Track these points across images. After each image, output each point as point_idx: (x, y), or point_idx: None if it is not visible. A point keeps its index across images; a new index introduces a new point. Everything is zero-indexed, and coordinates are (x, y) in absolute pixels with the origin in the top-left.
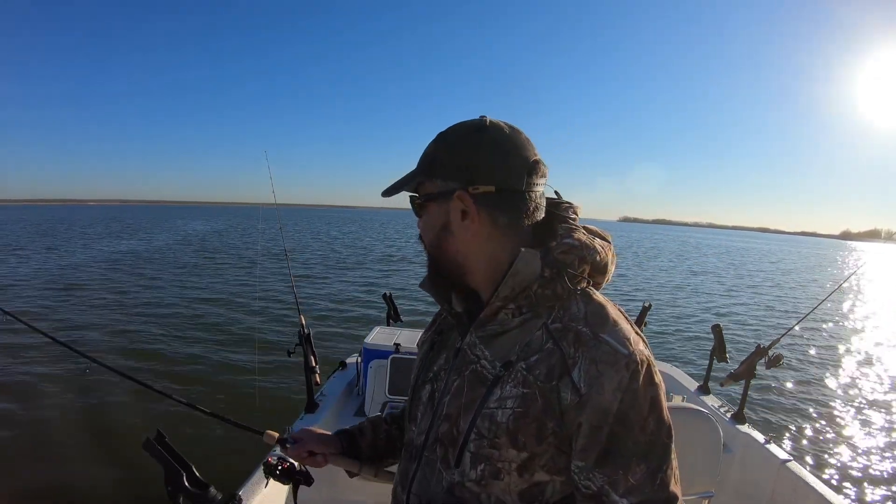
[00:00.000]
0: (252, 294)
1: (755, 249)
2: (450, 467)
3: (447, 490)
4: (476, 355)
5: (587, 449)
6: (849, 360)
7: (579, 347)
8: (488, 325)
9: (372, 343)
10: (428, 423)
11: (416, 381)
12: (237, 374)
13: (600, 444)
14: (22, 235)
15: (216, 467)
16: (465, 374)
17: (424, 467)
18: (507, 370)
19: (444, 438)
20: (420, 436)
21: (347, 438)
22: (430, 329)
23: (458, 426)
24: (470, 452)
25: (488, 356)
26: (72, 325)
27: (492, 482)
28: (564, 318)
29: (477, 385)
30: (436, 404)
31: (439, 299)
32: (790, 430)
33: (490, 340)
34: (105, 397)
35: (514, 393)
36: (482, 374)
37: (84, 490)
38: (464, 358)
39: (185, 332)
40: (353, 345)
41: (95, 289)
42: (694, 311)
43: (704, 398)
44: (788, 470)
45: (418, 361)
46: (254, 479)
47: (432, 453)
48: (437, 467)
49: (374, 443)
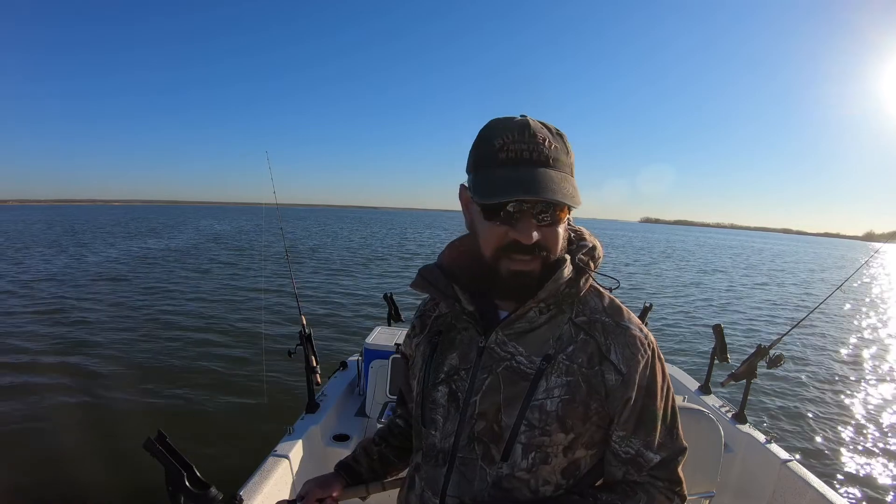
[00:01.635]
0: (256, 293)
1: (770, 250)
2: (494, 463)
3: (493, 485)
4: (508, 352)
5: (628, 420)
6: (850, 360)
7: (608, 335)
8: (516, 324)
9: (373, 343)
10: (455, 424)
11: (424, 384)
12: (239, 374)
13: (636, 414)
14: (18, 237)
15: (217, 467)
16: (496, 371)
17: (460, 468)
18: (548, 363)
19: (484, 436)
20: (446, 439)
21: (347, 470)
22: (422, 332)
23: (500, 421)
24: (521, 444)
25: (523, 352)
26: (81, 321)
27: (541, 467)
28: (586, 311)
29: (516, 380)
30: (461, 404)
31: (446, 299)
32: (791, 430)
33: (520, 337)
34: (106, 397)
35: (559, 382)
36: (520, 369)
37: (84, 490)
38: (492, 356)
39: (188, 331)
40: (354, 345)
41: (107, 287)
42: (695, 311)
43: (705, 398)
44: (789, 470)
45: (420, 364)
46: (255, 479)
47: (469, 453)
48: (479, 465)
49: (371, 466)
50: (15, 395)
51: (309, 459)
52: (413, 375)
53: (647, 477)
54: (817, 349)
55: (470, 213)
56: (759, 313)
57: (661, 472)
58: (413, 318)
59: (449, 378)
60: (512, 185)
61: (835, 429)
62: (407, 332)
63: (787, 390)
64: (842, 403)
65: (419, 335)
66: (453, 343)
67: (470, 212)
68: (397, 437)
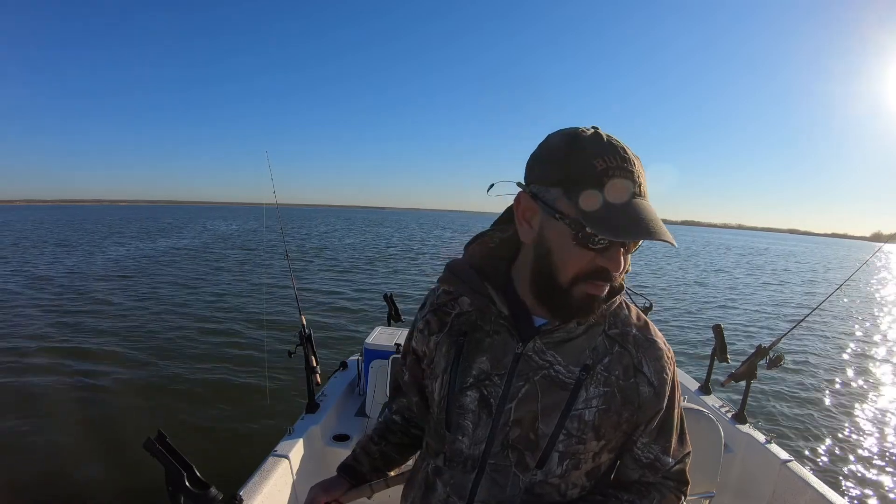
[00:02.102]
0: (257, 293)
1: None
2: (528, 470)
3: (526, 490)
4: (547, 361)
5: (653, 428)
6: (851, 360)
7: (639, 348)
8: (555, 333)
9: (373, 343)
10: (487, 431)
11: (450, 388)
12: (239, 374)
13: (658, 423)
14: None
15: (217, 467)
16: (533, 379)
17: (492, 475)
18: (587, 373)
19: (519, 444)
20: (477, 445)
21: (350, 472)
22: (441, 330)
23: (537, 430)
24: (558, 452)
25: (561, 361)
26: (93, 316)
27: (572, 472)
28: (618, 324)
29: (554, 389)
30: (494, 411)
31: (479, 299)
32: (791, 431)
33: (558, 346)
34: (106, 397)
35: (597, 393)
36: (558, 378)
37: (84, 489)
38: (528, 363)
39: (189, 331)
40: (354, 345)
41: (110, 286)
42: (696, 311)
43: (705, 398)
44: (789, 470)
45: (444, 366)
46: (255, 479)
47: (503, 460)
48: (512, 472)
49: (373, 465)
50: (15, 394)
51: (309, 459)
52: (432, 376)
53: (660, 478)
54: (818, 349)
55: (532, 225)
56: (760, 313)
57: (674, 474)
58: (424, 312)
59: (479, 383)
60: (634, 225)
61: (835, 429)
62: (417, 327)
63: (787, 390)
64: (842, 404)
65: (438, 333)
66: (481, 346)
67: (533, 223)
68: (396, 434)
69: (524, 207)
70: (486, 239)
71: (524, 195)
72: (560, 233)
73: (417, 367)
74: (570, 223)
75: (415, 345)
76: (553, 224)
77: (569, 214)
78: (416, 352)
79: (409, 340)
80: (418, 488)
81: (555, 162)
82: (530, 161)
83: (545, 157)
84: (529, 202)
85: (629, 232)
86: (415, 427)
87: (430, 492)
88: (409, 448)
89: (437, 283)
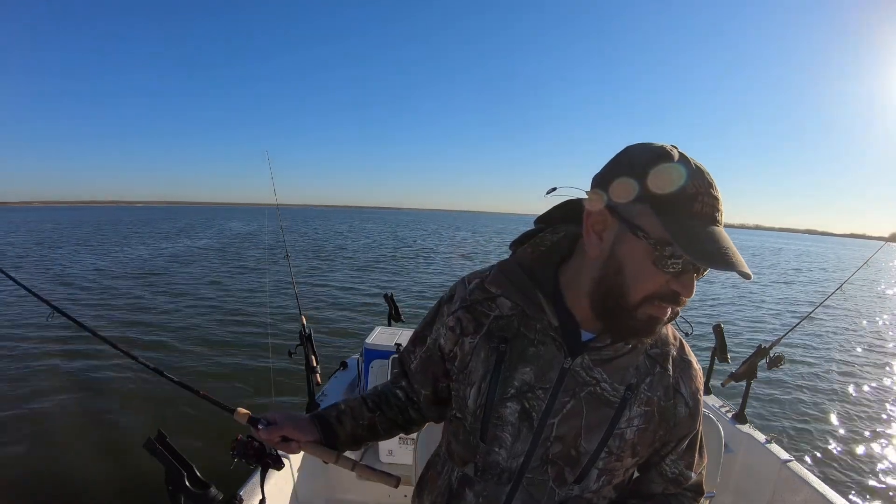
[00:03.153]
0: (260, 293)
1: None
2: (566, 484)
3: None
4: (594, 378)
5: (682, 446)
6: (851, 360)
7: (676, 369)
8: (604, 350)
9: (373, 343)
10: (527, 444)
11: (488, 397)
12: (239, 374)
13: (687, 440)
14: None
15: (217, 467)
16: (579, 395)
17: (528, 489)
18: (632, 392)
19: (559, 459)
20: (514, 459)
21: (325, 425)
22: (477, 332)
23: (579, 446)
24: (597, 469)
25: (607, 378)
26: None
27: (606, 487)
28: (659, 343)
29: (599, 406)
30: (536, 425)
31: (533, 308)
32: (791, 431)
33: (605, 363)
34: (106, 396)
35: (639, 412)
36: (603, 396)
37: (84, 489)
38: (575, 379)
39: (190, 330)
40: (354, 345)
41: (115, 286)
42: (697, 312)
43: (705, 398)
44: (789, 470)
45: (482, 373)
46: (255, 479)
47: (541, 475)
48: (549, 486)
49: (354, 431)
50: (15, 393)
51: (309, 459)
52: (466, 382)
53: (681, 490)
54: (819, 349)
55: (604, 239)
56: (761, 313)
57: (693, 486)
58: (454, 307)
59: (521, 395)
60: (721, 253)
61: (835, 429)
62: (445, 323)
63: (787, 391)
64: (843, 404)
65: (474, 335)
66: (525, 356)
67: (604, 237)
68: (393, 409)
69: (597, 219)
70: (536, 241)
71: (599, 206)
72: (638, 251)
73: (437, 364)
74: (653, 243)
75: (442, 342)
76: (631, 241)
77: (654, 234)
78: (441, 349)
79: (428, 329)
80: (439, 494)
81: (641, 178)
82: (607, 172)
83: (629, 171)
84: (605, 215)
85: (716, 260)
86: (415, 410)
87: (456, 500)
88: (398, 428)
89: (467, 278)
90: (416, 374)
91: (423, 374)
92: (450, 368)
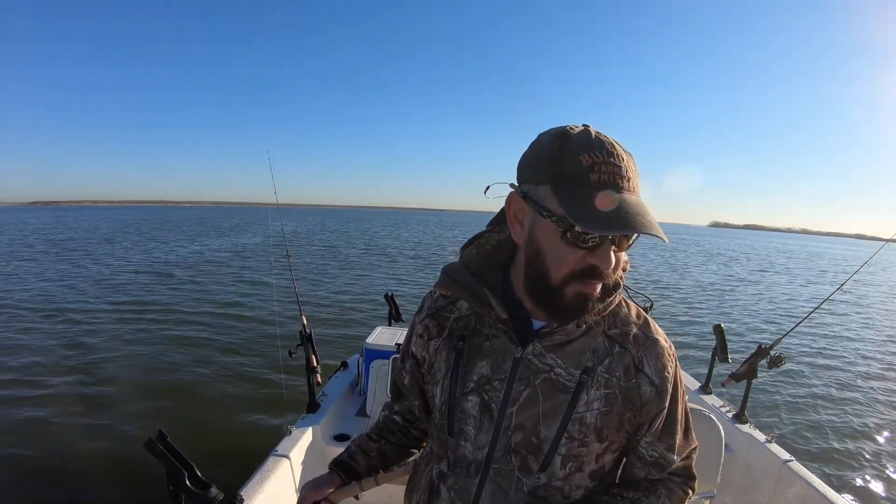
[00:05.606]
0: (263, 293)
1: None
2: (531, 473)
3: (529, 493)
4: (547, 364)
5: (657, 427)
6: (851, 360)
7: (640, 347)
8: (554, 335)
9: (373, 343)
10: (489, 436)
11: (450, 393)
12: (240, 374)
13: (662, 421)
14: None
15: (218, 467)
16: (534, 383)
17: (496, 479)
18: (588, 376)
19: (521, 448)
20: (479, 450)
21: (343, 469)
22: (440, 335)
23: (539, 434)
24: (560, 455)
25: (561, 364)
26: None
27: (576, 474)
28: (618, 323)
29: (555, 392)
30: (496, 415)
31: (477, 303)
32: (792, 430)
33: (558, 349)
34: (107, 396)
35: (598, 395)
36: (558, 381)
37: (84, 488)
38: (528, 367)
39: (190, 329)
40: (355, 345)
41: (120, 286)
42: (698, 312)
43: (706, 398)
44: (790, 470)
45: (445, 371)
46: (255, 478)
47: (506, 465)
48: (515, 476)
49: (369, 464)
50: (15, 392)
51: (309, 459)
52: (433, 381)
53: (666, 475)
54: (819, 349)
55: (524, 225)
56: (764, 313)
57: (679, 470)
58: (422, 316)
59: (480, 388)
60: (618, 219)
61: (836, 428)
62: (416, 332)
63: (788, 390)
64: (843, 403)
65: (437, 337)
66: (481, 350)
67: (524, 223)
68: (395, 434)
69: (515, 208)
70: (481, 241)
71: (515, 195)
72: (549, 231)
73: (417, 372)
74: (557, 220)
75: (414, 349)
76: (542, 223)
77: (556, 212)
78: (415, 356)
79: (408, 344)
80: (422, 492)
81: (544, 160)
82: (521, 161)
83: (535, 156)
84: (520, 202)
85: (613, 225)
86: (415, 428)
87: (434, 496)
88: (406, 449)
89: (434, 287)
90: (408, 388)
91: (412, 386)
92: (425, 374)
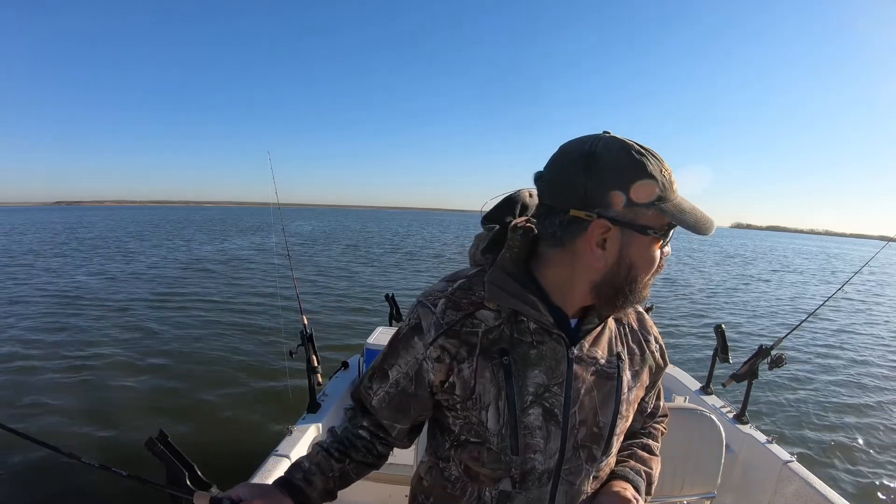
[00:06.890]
0: (264, 293)
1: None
2: (596, 459)
3: (593, 479)
4: (593, 357)
5: (656, 385)
6: (852, 360)
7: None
8: (592, 330)
9: (374, 343)
10: (559, 441)
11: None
12: (241, 374)
13: (661, 377)
14: None
15: (218, 467)
16: (587, 377)
17: (567, 477)
18: (621, 359)
19: (587, 441)
20: (550, 458)
21: (294, 491)
22: (471, 355)
23: (598, 423)
24: (616, 435)
25: (602, 354)
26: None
27: (619, 445)
28: None
29: (604, 381)
30: (561, 420)
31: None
32: (793, 431)
33: (597, 341)
34: (107, 396)
35: (631, 373)
36: (604, 371)
37: (84, 488)
38: (581, 364)
39: (190, 328)
40: (355, 345)
41: (124, 286)
42: (699, 312)
43: (706, 398)
44: (791, 470)
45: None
46: (256, 478)
47: (575, 462)
48: (584, 468)
49: (325, 486)
50: (13, 392)
51: None
52: (478, 406)
53: (654, 421)
54: (820, 349)
55: (607, 248)
56: (767, 314)
57: (662, 413)
58: (431, 337)
59: (539, 398)
60: (705, 222)
61: (837, 429)
62: (428, 356)
63: (788, 391)
64: (844, 404)
65: (469, 358)
66: (529, 359)
67: (608, 246)
68: (360, 451)
69: (601, 235)
70: (509, 244)
71: (600, 223)
72: (647, 245)
73: (413, 399)
74: (661, 234)
75: (431, 377)
76: (638, 240)
77: (659, 227)
78: (430, 384)
79: (391, 364)
80: None
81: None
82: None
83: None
84: (607, 227)
85: (704, 227)
86: (382, 444)
87: None
88: (367, 468)
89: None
90: (380, 409)
91: (393, 409)
92: (445, 399)
